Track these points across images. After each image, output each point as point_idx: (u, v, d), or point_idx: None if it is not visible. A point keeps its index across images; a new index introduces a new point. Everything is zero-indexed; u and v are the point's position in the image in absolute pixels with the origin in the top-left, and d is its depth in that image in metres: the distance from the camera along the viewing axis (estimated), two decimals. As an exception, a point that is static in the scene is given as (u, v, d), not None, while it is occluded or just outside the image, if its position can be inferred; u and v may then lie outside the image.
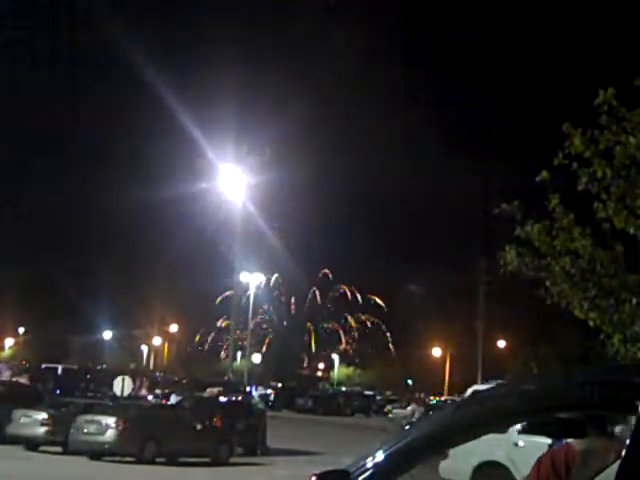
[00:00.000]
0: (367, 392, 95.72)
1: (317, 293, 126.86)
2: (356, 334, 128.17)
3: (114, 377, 39.92)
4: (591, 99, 11.94)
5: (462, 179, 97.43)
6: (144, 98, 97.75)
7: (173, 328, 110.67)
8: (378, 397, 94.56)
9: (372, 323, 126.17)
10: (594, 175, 11.91)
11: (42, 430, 30.03)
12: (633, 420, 2.70)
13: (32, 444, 30.32)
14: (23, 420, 30.47)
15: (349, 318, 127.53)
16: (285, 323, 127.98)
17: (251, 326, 59.73)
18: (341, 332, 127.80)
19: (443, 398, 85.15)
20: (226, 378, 56.37)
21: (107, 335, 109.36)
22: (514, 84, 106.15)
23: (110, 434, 28.26)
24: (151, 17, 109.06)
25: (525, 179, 14.37)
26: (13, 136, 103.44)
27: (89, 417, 29.29)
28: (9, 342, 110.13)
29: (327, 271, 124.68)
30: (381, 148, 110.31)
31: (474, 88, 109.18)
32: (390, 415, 69.80)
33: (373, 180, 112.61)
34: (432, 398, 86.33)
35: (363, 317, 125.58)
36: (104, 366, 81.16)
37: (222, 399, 40.88)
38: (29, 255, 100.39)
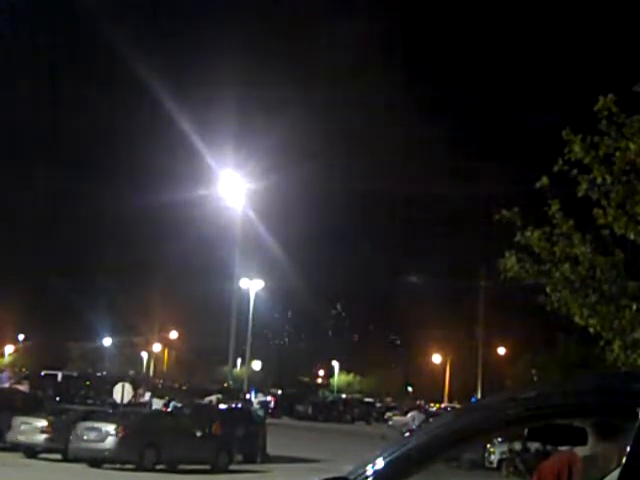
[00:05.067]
0: (367, 399, 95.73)
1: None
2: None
3: (114, 384, 39.86)
4: (591, 105, 11.94)
5: (462, 186, 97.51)
6: (144, 103, 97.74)
7: (173, 335, 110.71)
8: (378, 404, 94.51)
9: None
10: (594, 181, 11.90)
11: (42, 437, 29.97)
12: (634, 427, 2.69)
13: (32, 451, 30.26)
14: (23, 427, 30.40)
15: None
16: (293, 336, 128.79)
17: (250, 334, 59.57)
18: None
19: (443, 405, 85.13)
20: (225, 385, 56.35)
21: (107, 342, 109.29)
22: (515, 90, 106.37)
23: (110, 441, 28.22)
24: (151, 23, 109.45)
25: (525, 185, 14.34)
26: (12, 140, 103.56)
27: (89, 424, 29.25)
28: (9, 349, 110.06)
29: (339, 309, 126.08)
30: (381, 155, 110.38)
31: (475, 94, 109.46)
32: (390, 422, 69.72)
33: (372, 186, 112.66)
34: (432, 405, 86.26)
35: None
36: (104, 373, 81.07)
37: (222, 406, 40.87)
38: (29, 262, 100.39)
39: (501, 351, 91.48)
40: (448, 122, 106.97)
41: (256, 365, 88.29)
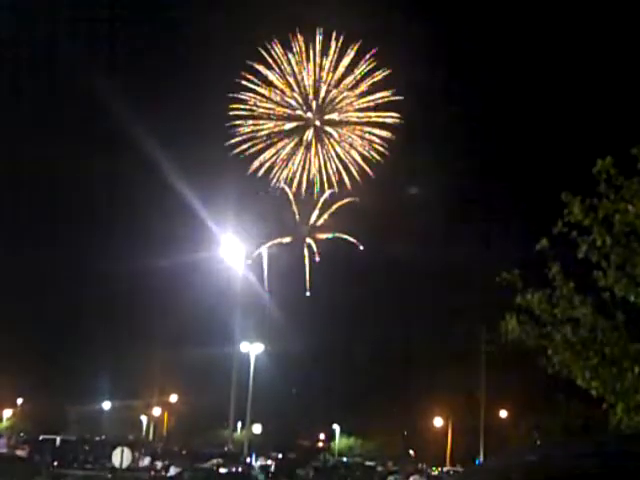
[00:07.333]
0: (368, 463, 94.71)
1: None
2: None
3: (113, 448, 39.50)
4: (589, 168, 12.02)
5: (462, 248, 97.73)
6: (146, 166, 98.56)
7: (173, 398, 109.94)
8: (379, 468, 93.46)
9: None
10: (594, 243, 11.93)
11: (40, 503, 29.71)
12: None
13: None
14: (21, 493, 30.15)
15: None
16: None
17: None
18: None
19: (445, 468, 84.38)
20: (225, 449, 55.87)
21: (106, 405, 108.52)
22: (513, 153, 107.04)
23: (109, 507, 27.94)
24: (151, 87, 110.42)
25: (525, 248, 14.40)
26: (12, 199, 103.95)
27: (87, 489, 28.99)
28: (7, 413, 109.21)
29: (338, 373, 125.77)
30: (379, 214, 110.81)
31: (475, 157, 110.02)
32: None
33: (372, 248, 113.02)
34: (434, 468, 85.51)
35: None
36: (103, 437, 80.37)
37: (222, 470, 40.56)
38: (27, 323, 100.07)
39: (503, 413, 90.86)
40: (448, 186, 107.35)
41: (256, 429, 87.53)
